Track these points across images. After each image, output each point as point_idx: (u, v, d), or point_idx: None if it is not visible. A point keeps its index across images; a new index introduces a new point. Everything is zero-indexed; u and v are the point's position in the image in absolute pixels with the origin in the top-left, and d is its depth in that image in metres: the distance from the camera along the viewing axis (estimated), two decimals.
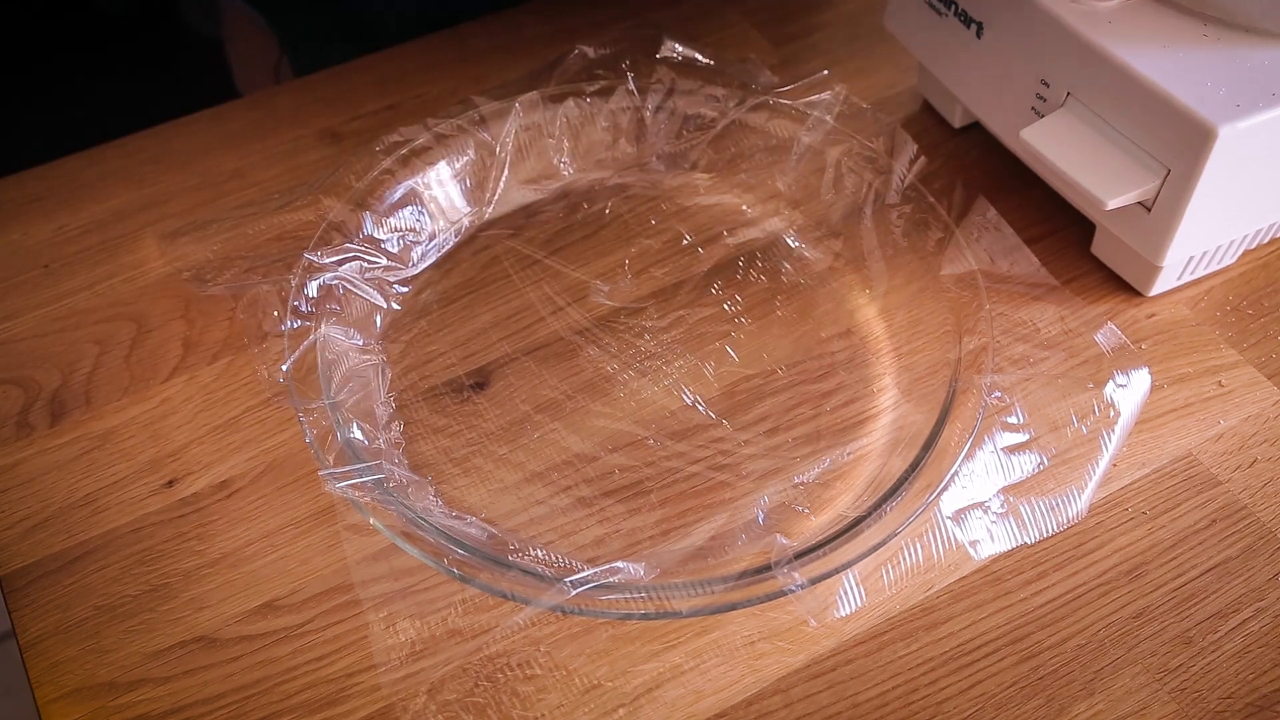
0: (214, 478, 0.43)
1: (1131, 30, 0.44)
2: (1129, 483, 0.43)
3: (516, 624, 0.38)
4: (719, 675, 0.38)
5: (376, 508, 0.38)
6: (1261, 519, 0.42)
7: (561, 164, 0.54)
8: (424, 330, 0.48)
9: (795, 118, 0.53)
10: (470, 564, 0.37)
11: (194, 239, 0.51)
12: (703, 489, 0.43)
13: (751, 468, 0.43)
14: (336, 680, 0.38)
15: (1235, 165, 0.42)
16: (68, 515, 0.43)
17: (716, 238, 0.52)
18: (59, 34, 0.56)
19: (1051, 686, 0.37)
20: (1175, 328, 0.48)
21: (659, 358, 0.47)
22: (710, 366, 0.46)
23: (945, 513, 0.40)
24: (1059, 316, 0.48)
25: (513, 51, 0.62)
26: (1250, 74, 0.42)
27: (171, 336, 0.49)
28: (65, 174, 0.56)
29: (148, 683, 0.38)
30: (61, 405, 0.46)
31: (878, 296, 0.49)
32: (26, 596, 0.40)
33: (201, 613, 0.40)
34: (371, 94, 0.60)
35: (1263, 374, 0.46)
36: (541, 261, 0.51)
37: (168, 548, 0.41)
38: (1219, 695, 0.37)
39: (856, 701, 0.37)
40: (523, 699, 0.37)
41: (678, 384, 0.46)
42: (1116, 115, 0.44)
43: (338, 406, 0.42)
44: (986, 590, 0.40)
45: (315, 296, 0.45)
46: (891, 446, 0.43)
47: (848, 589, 0.39)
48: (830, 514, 0.41)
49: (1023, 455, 0.42)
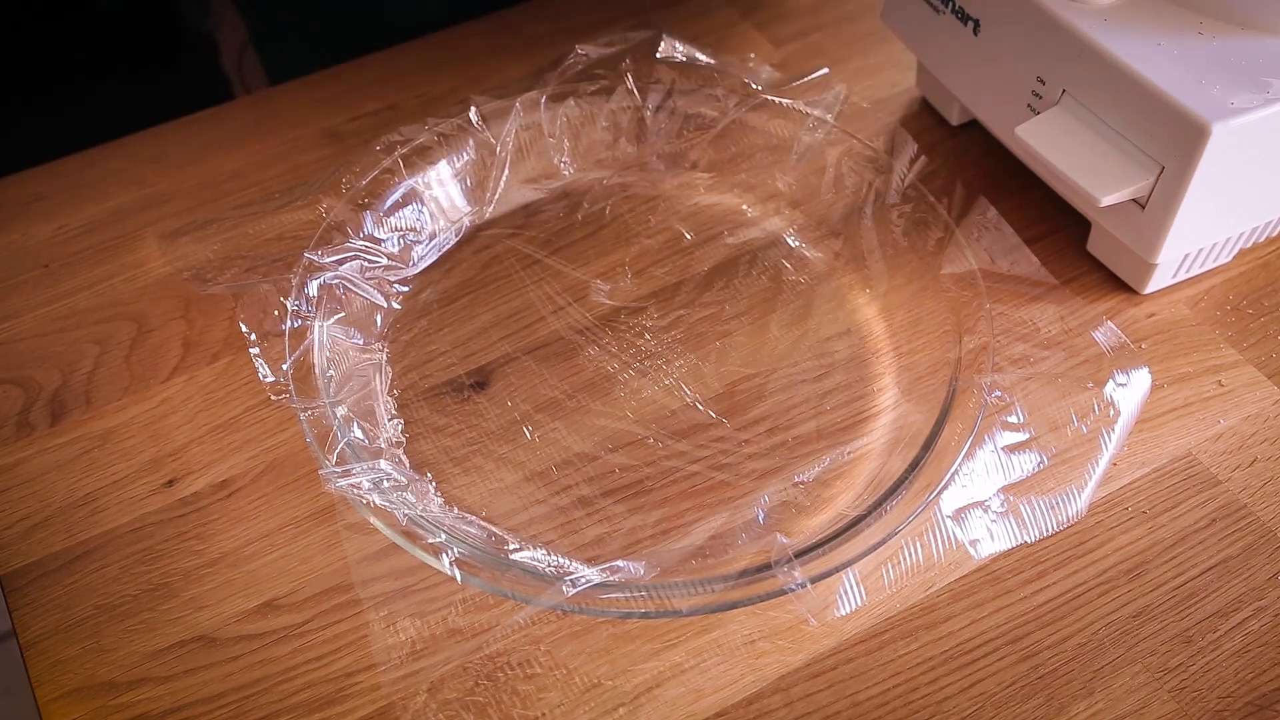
0: (214, 477, 0.44)
1: (1126, 27, 0.44)
2: (1129, 482, 0.43)
3: (516, 623, 0.38)
4: (719, 674, 0.38)
5: (376, 507, 0.38)
6: (1261, 518, 0.42)
7: (562, 164, 0.54)
8: (424, 330, 0.48)
9: (795, 118, 0.53)
10: (470, 563, 0.37)
11: (194, 239, 0.51)
12: (703, 488, 0.43)
13: (751, 467, 0.43)
14: (336, 679, 0.38)
15: (1229, 163, 0.42)
16: (68, 515, 0.43)
17: (716, 237, 0.52)
18: (59, 34, 0.56)
19: (1051, 685, 0.37)
20: (1175, 327, 0.48)
21: (659, 357, 0.47)
22: (710, 366, 0.47)
23: (945, 512, 0.40)
24: (1059, 316, 0.48)
25: (513, 51, 0.62)
26: (1245, 71, 0.42)
27: (171, 336, 0.49)
28: (65, 174, 0.56)
29: (148, 682, 0.38)
30: (61, 405, 0.46)
31: (878, 296, 0.49)
32: (27, 596, 0.40)
33: (201, 612, 0.40)
34: (371, 94, 0.60)
35: (1263, 373, 0.46)
36: (542, 261, 0.51)
37: (168, 547, 0.41)
38: (1219, 694, 0.37)
39: (856, 700, 0.37)
40: (523, 698, 0.37)
41: (678, 383, 0.46)
42: (1111, 112, 0.44)
43: (338, 406, 0.42)
44: (986, 589, 0.40)
45: (315, 296, 0.45)
46: (891, 446, 0.43)
47: (848, 588, 0.39)
48: (830, 513, 0.41)
49: (1023, 454, 0.42)
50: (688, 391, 0.46)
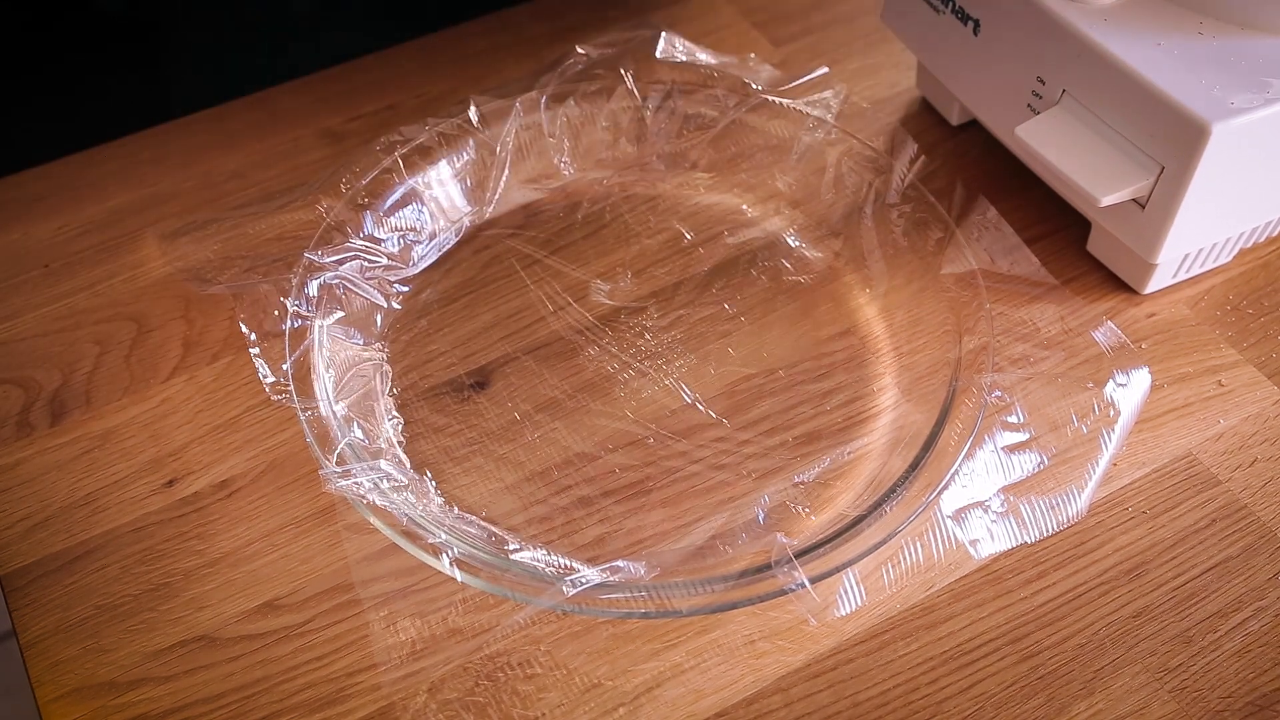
0: (214, 477, 0.44)
1: (1126, 27, 0.44)
2: (1129, 482, 0.43)
3: (517, 623, 0.38)
4: (719, 674, 0.38)
5: (376, 507, 0.38)
6: (1261, 518, 0.42)
7: (562, 164, 0.54)
8: (424, 330, 0.48)
9: (795, 118, 0.53)
10: (470, 563, 0.37)
11: (194, 239, 0.51)
12: (703, 488, 0.43)
13: (751, 467, 0.43)
14: (337, 679, 0.38)
15: (1229, 163, 0.42)
16: (68, 515, 0.43)
17: (716, 237, 0.52)
18: (59, 34, 0.56)
19: (1051, 686, 0.37)
20: (1175, 327, 0.48)
21: (659, 357, 0.47)
22: (710, 366, 0.47)
23: (945, 512, 0.40)
24: (1059, 316, 0.48)
25: (513, 51, 0.62)
26: (1245, 70, 0.42)
27: (171, 336, 0.49)
28: (65, 174, 0.56)
29: (148, 682, 0.38)
30: (62, 405, 0.46)
31: (878, 296, 0.49)
32: (27, 596, 0.40)
33: (202, 612, 0.40)
34: (371, 94, 0.60)
35: (1263, 373, 0.46)
36: (542, 261, 0.51)
37: (168, 547, 0.41)
38: (1219, 695, 0.37)
39: (856, 701, 0.37)
40: (523, 698, 0.37)
41: (678, 383, 0.46)
42: (1111, 112, 0.44)
43: (337, 406, 0.42)
44: (987, 589, 0.40)
45: (315, 296, 0.45)
46: (891, 446, 0.43)
47: (848, 588, 0.39)
48: (830, 513, 0.41)
49: (1023, 454, 0.42)
50: (688, 391, 0.46)
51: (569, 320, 0.48)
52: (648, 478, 0.43)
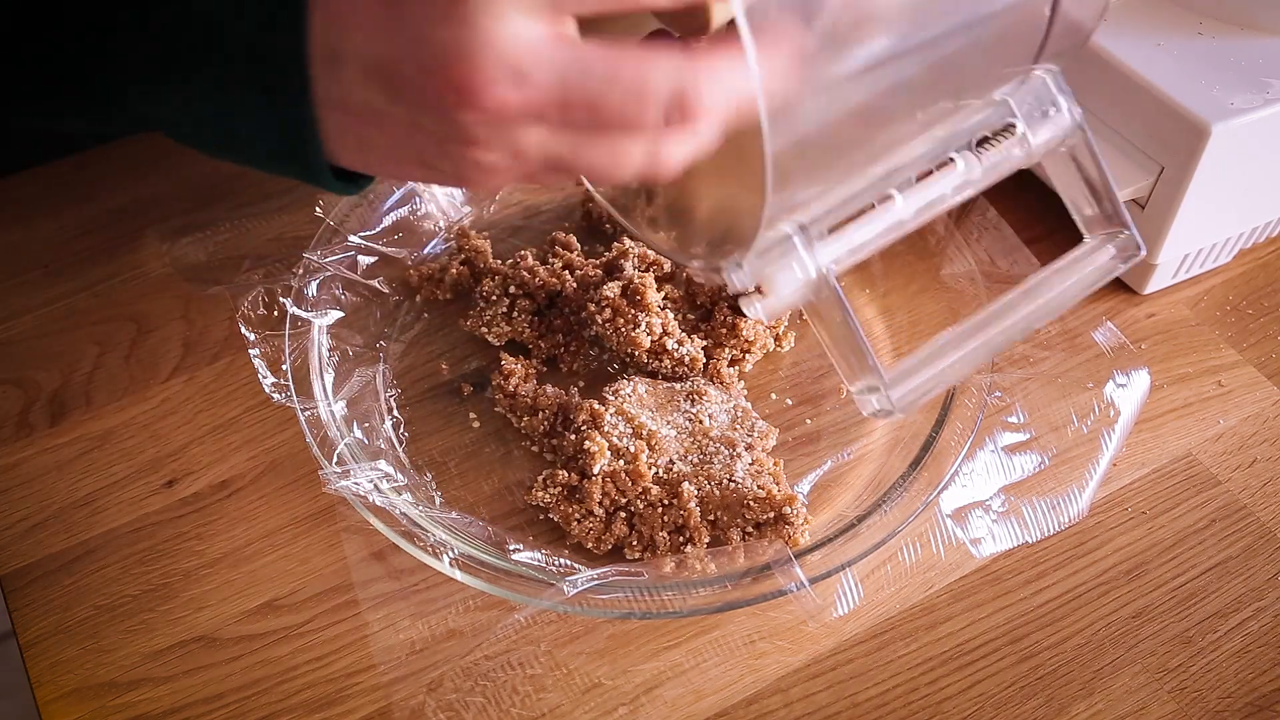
0: (214, 478, 0.43)
1: (1126, 27, 0.44)
2: (1129, 482, 0.43)
3: (516, 623, 0.38)
4: (719, 674, 0.38)
5: (376, 508, 0.38)
6: (1261, 519, 0.42)
7: None
8: (424, 330, 0.48)
9: None
10: (470, 563, 0.37)
11: (194, 239, 0.51)
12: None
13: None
14: (336, 680, 0.38)
15: (1229, 163, 0.42)
16: (68, 515, 0.43)
17: None
18: (59, 33, 0.56)
19: (1051, 686, 0.37)
20: (1175, 327, 0.48)
21: None
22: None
23: (945, 512, 0.40)
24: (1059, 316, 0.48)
25: None
26: (1245, 71, 0.42)
27: (171, 336, 0.49)
28: (65, 174, 0.56)
29: (148, 682, 0.38)
30: (61, 405, 0.46)
31: (878, 296, 0.49)
32: (26, 596, 0.40)
33: (201, 612, 0.40)
34: None
35: (1263, 374, 0.46)
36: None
37: (168, 547, 0.41)
38: (1218, 695, 0.37)
39: (856, 701, 0.37)
40: (523, 698, 0.37)
41: None
42: (1111, 112, 0.44)
43: (337, 406, 0.42)
44: (986, 590, 0.40)
45: (315, 296, 0.45)
46: (891, 446, 0.43)
47: (847, 588, 0.39)
48: (830, 514, 0.41)
49: (1023, 455, 0.42)
50: None
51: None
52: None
